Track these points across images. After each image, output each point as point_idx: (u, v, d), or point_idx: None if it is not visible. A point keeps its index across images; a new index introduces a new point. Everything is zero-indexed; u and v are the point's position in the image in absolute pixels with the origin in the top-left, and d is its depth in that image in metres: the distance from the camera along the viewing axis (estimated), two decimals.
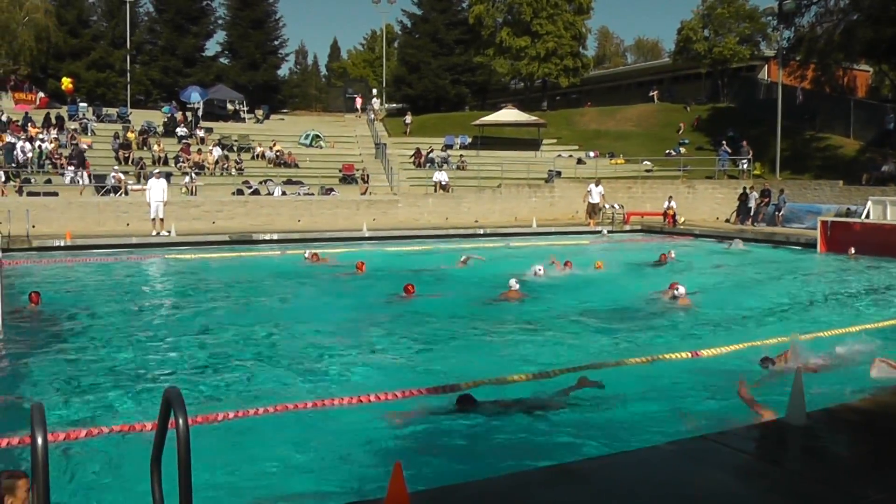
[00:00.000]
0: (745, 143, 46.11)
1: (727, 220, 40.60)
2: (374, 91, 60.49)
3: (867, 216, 30.87)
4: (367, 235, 31.82)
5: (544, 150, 50.78)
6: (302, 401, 9.57)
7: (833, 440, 7.33)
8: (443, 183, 41.03)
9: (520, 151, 49.34)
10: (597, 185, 39.01)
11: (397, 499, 5.48)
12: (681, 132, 54.68)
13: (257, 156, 42.99)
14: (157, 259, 25.16)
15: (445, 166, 44.30)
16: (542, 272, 20.64)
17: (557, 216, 41.37)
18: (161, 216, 29.87)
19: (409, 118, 56.41)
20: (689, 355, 12.37)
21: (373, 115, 53.14)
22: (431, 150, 46.75)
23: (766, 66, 63.29)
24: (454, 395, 9.91)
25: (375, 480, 6.93)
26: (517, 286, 18.22)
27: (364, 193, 39.57)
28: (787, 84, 49.38)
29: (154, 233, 29.55)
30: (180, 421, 4.51)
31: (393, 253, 27.63)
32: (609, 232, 36.73)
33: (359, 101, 55.05)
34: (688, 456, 6.82)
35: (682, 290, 17.40)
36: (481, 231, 34.79)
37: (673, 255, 25.01)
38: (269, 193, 37.52)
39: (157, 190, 30.09)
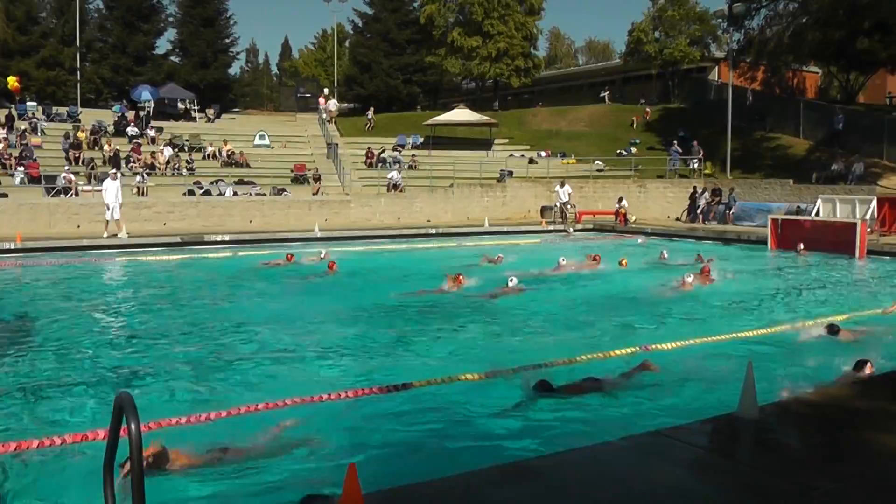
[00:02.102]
0: (695, 142, 46.73)
1: (678, 219, 41.00)
2: (326, 90, 60.21)
3: (817, 214, 31.38)
4: (318, 236, 31.63)
5: (496, 150, 50.94)
6: (256, 402, 9.43)
7: (786, 433, 7.37)
8: (396, 182, 40.95)
9: (472, 151, 49.42)
10: (562, 186, 39.27)
11: (352, 499, 5.41)
12: (635, 125, 55.21)
13: (208, 155, 42.57)
14: (110, 262, 24.79)
15: (397, 166, 44.20)
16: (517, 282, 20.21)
17: (510, 216, 41.50)
18: (116, 217, 29.40)
19: (371, 114, 56.13)
20: (640, 349, 12.43)
21: (325, 115, 52.78)
22: (383, 150, 46.61)
23: (717, 68, 64.10)
24: (411, 392, 9.86)
25: (330, 481, 6.84)
26: (515, 282, 18.60)
27: (316, 193, 39.34)
28: (738, 85, 50.07)
29: (105, 234, 29.07)
30: (132, 427, 4.38)
31: (382, 252, 27.62)
32: (575, 231, 36.93)
33: (322, 102, 54.63)
34: (641, 451, 6.82)
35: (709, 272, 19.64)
36: (433, 231, 34.80)
37: (598, 259, 24.72)
38: (221, 194, 37.15)
39: (111, 191, 29.60)
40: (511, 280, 18.65)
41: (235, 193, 37.32)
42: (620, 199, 39.61)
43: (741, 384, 7.71)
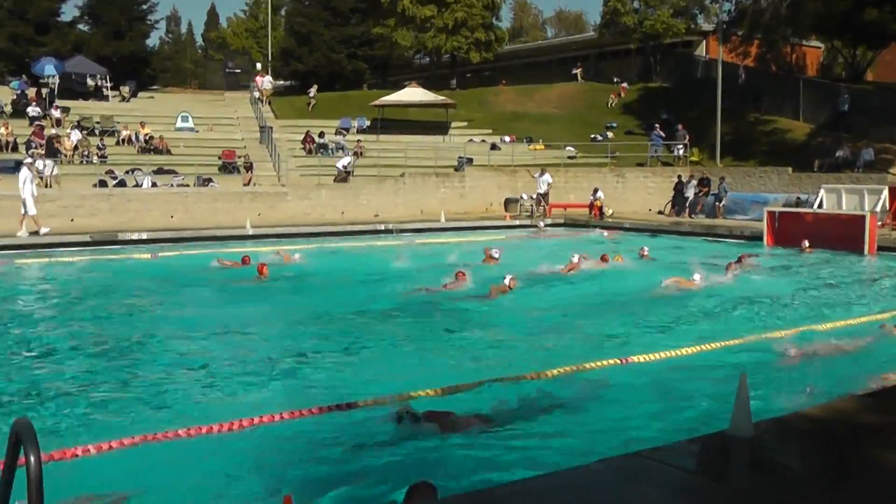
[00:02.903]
0: (680, 126, 46.99)
1: (661, 212, 41.27)
2: (259, 65, 59.88)
3: (820, 206, 31.59)
4: (250, 233, 31.44)
5: (454, 135, 50.99)
6: (180, 427, 9.30)
7: (784, 452, 7.38)
8: (347, 170, 40.93)
9: (426, 136, 49.33)
10: (542, 174, 39.46)
11: None
12: (612, 104, 55.51)
13: (123, 140, 42.08)
14: (5, 264, 24.36)
15: (341, 153, 44.03)
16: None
17: (469, 209, 41.56)
18: (30, 211, 28.87)
19: (313, 92, 55.66)
20: (619, 362, 12.48)
21: (257, 94, 52.45)
22: (323, 135, 46.34)
23: (705, 42, 64.45)
24: (356, 412, 9.81)
25: None
26: (508, 281, 18.99)
27: (248, 184, 39.08)
28: (728, 61, 50.44)
29: (21, 232, 28.59)
30: (31, 458, 4.27)
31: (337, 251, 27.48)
32: (546, 226, 37.05)
33: (258, 79, 54.26)
34: (620, 475, 6.78)
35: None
36: (382, 227, 34.76)
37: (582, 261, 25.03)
38: (138, 185, 36.75)
39: (23, 182, 29.05)
40: (507, 279, 19.12)
41: (154, 185, 36.91)
42: (595, 191, 39.80)
43: (733, 398, 7.73)
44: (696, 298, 18.78)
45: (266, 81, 54.56)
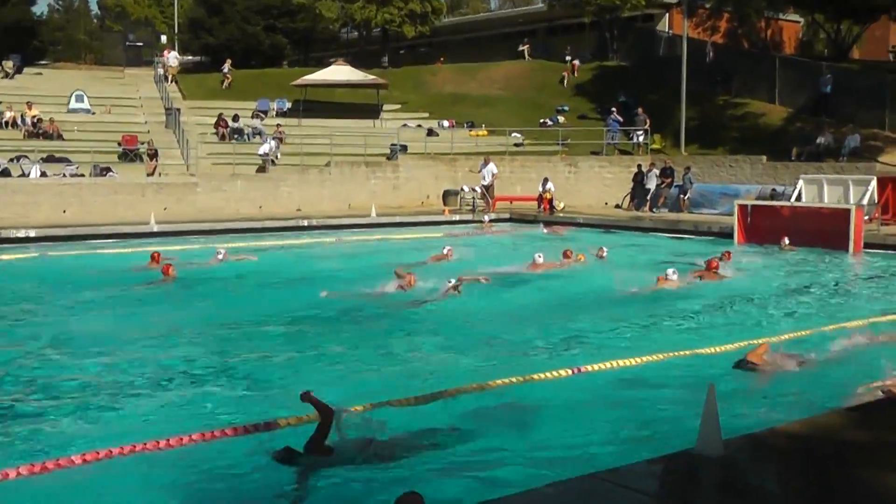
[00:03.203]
0: (640, 110, 47.25)
1: (618, 206, 41.49)
2: (165, 38, 59.31)
3: (798, 199, 31.76)
4: (155, 230, 31.14)
5: (386, 119, 50.95)
6: (62, 456, 9.13)
7: (758, 473, 7.37)
8: (270, 158, 40.79)
9: (354, 120, 49.19)
10: (486, 164, 39.52)
11: None
12: (566, 82, 55.74)
13: (6, 123, 41.55)
14: None
15: (258, 139, 43.75)
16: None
17: (403, 203, 41.53)
18: None
19: (227, 68, 54.99)
20: (570, 372, 12.49)
21: (162, 71, 51.93)
22: (237, 118, 45.92)
23: (668, 16, 64.99)
24: (277, 433, 9.73)
25: None
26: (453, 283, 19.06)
27: (152, 174, 38.68)
28: (695, 38, 50.88)
29: None
30: None
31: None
32: (492, 221, 37.05)
33: (165, 55, 53.70)
34: (575, 501, 6.76)
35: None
36: (305, 222, 34.73)
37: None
38: (24, 175, 36.25)
39: None
40: (453, 281, 19.21)
41: (44, 174, 36.42)
42: (545, 182, 39.88)
43: (700, 412, 7.75)
44: (664, 301, 18.98)
45: (172, 57, 54.03)
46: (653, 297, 19.36)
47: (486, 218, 37.23)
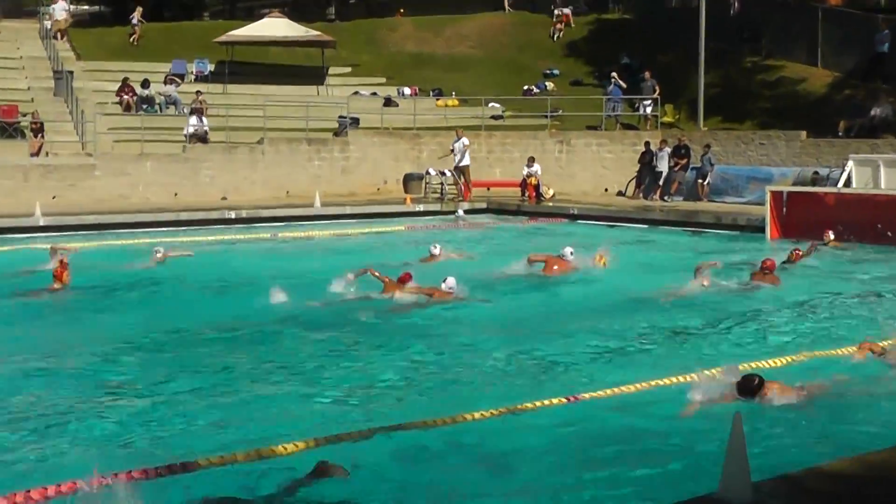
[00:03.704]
0: (648, 74, 46.97)
1: (621, 193, 41.55)
2: None
3: (847, 183, 31.69)
4: (41, 223, 31.11)
5: (333, 85, 50.82)
6: None
7: None
8: (201, 136, 40.86)
9: (293, 87, 48.97)
10: (458, 140, 39.44)
11: None
12: (556, 37, 55.67)
13: None
14: None
15: (173, 109, 43.57)
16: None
17: (355, 189, 41.53)
18: None
19: (137, 18, 54.14)
20: (565, 401, 12.53)
21: (49, 24, 51.48)
22: (147, 83, 45.60)
23: None
24: (195, 474, 9.76)
25: None
26: (450, 285, 19.51)
27: (37, 154, 38.52)
28: None
29: None
30: None
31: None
32: (466, 212, 37.12)
33: (55, 5, 53.24)
34: None
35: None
36: (231, 214, 34.71)
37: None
38: None
39: None
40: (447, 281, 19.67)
41: None
42: (531, 163, 39.92)
43: (724, 448, 7.80)
44: (682, 310, 19.13)
45: (59, 8, 53.41)
46: (673, 306, 19.52)
47: (460, 209, 37.22)
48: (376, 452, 10.59)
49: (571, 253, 23.52)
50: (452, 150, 40.28)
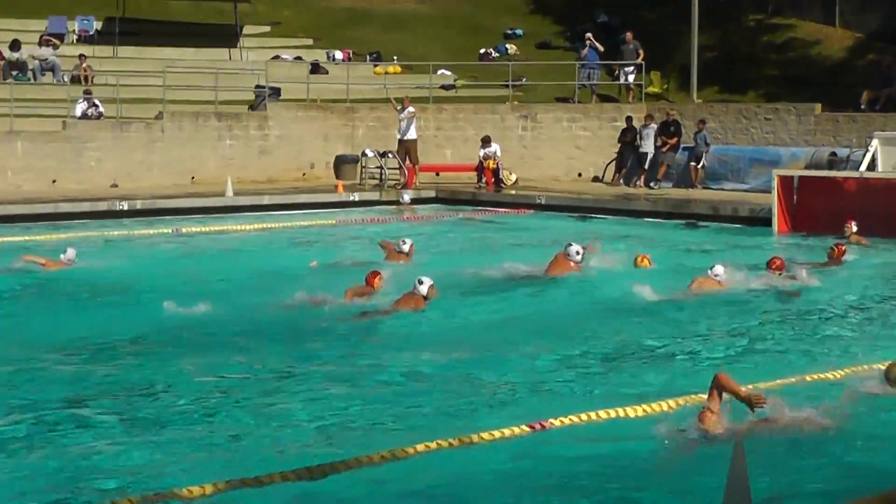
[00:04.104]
0: (630, 35, 47.17)
1: (598, 179, 41.67)
2: None
3: (872, 166, 31.75)
4: None
5: (248, 48, 50.85)
6: None
7: None
8: (94, 115, 40.43)
9: (200, 49, 49.05)
10: (403, 109, 39.36)
11: None
12: None
13: None
14: None
15: (50, 76, 43.31)
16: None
17: (276, 175, 41.50)
18: None
19: None
20: (530, 429, 12.43)
21: None
22: (18, 45, 45.28)
23: None
24: None
25: None
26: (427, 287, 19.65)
27: None
28: None
29: None
30: None
31: None
32: (412, 201, 37.13)
33: None
34: None
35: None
36: (123, 206, 34.62)
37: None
38: None
39: None
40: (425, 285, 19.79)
41: None
42: (486, 143, 39.87)
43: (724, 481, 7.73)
44: (683, 316, 19.34)
45: None
46: (668, 310, 19.65)
47: (406, 197, 37.08)
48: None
49: (578, 252, 23.42)
50: (400, 119, 40.04)
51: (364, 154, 40.85)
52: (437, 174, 40.79)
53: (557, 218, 34.02)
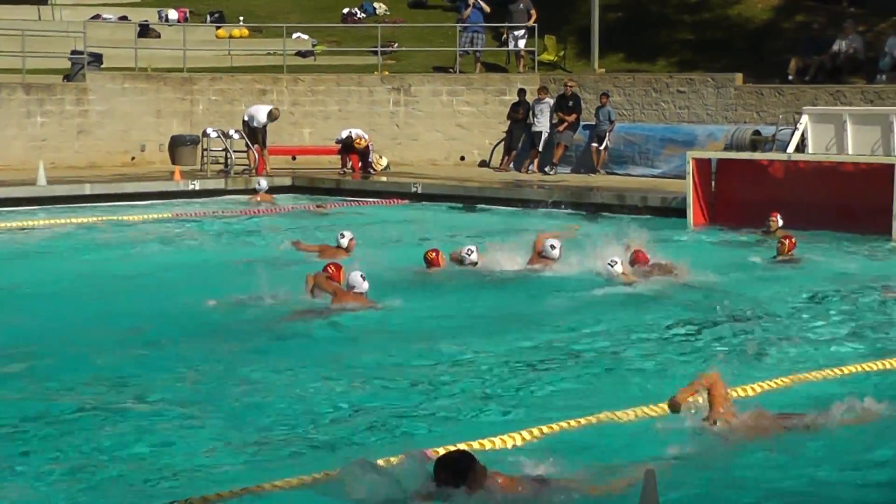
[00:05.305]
0: None
1: (485, 163, 41.83)
2: None
3: (801, 147, 32.07)
4: None
5: (62, 5, 50.42)
6: None
7: None
8: None
9: (3, 7, 48.55)
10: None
11: None
12: None
13: None
14: None
15: None
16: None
17: (98, 159, 41.45)
18: None
19: None
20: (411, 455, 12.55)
21: None
22: None
23: None
24: None
25: None
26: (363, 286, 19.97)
27: None
28: None
29: None
30: None
31: None
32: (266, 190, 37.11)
33: None
34: None
35: None
36: None
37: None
38: None
39: None
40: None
41: None
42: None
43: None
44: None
45: None
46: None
47: (262, 183, 36.91)
48: None
49: (553, 247, 23.80)
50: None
51: (205, 134, 40.58)
52: (294, 158, 40.74)
53: (436, 209, 34.08)
